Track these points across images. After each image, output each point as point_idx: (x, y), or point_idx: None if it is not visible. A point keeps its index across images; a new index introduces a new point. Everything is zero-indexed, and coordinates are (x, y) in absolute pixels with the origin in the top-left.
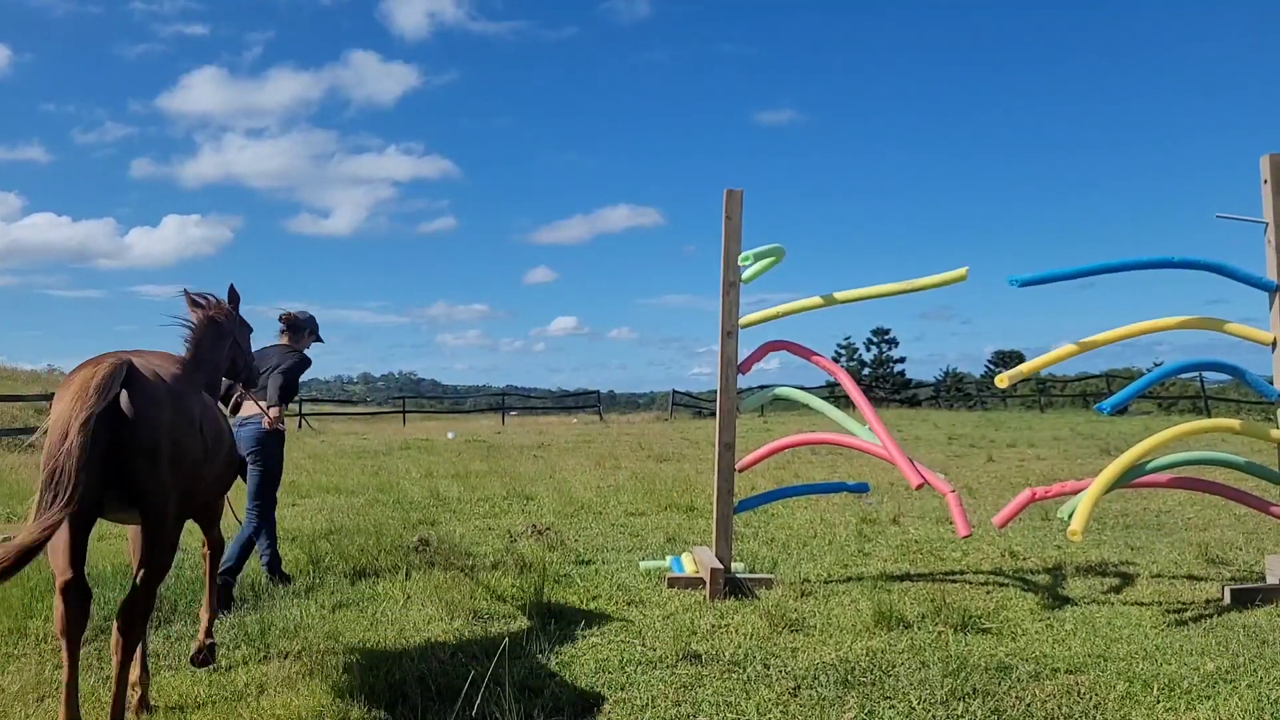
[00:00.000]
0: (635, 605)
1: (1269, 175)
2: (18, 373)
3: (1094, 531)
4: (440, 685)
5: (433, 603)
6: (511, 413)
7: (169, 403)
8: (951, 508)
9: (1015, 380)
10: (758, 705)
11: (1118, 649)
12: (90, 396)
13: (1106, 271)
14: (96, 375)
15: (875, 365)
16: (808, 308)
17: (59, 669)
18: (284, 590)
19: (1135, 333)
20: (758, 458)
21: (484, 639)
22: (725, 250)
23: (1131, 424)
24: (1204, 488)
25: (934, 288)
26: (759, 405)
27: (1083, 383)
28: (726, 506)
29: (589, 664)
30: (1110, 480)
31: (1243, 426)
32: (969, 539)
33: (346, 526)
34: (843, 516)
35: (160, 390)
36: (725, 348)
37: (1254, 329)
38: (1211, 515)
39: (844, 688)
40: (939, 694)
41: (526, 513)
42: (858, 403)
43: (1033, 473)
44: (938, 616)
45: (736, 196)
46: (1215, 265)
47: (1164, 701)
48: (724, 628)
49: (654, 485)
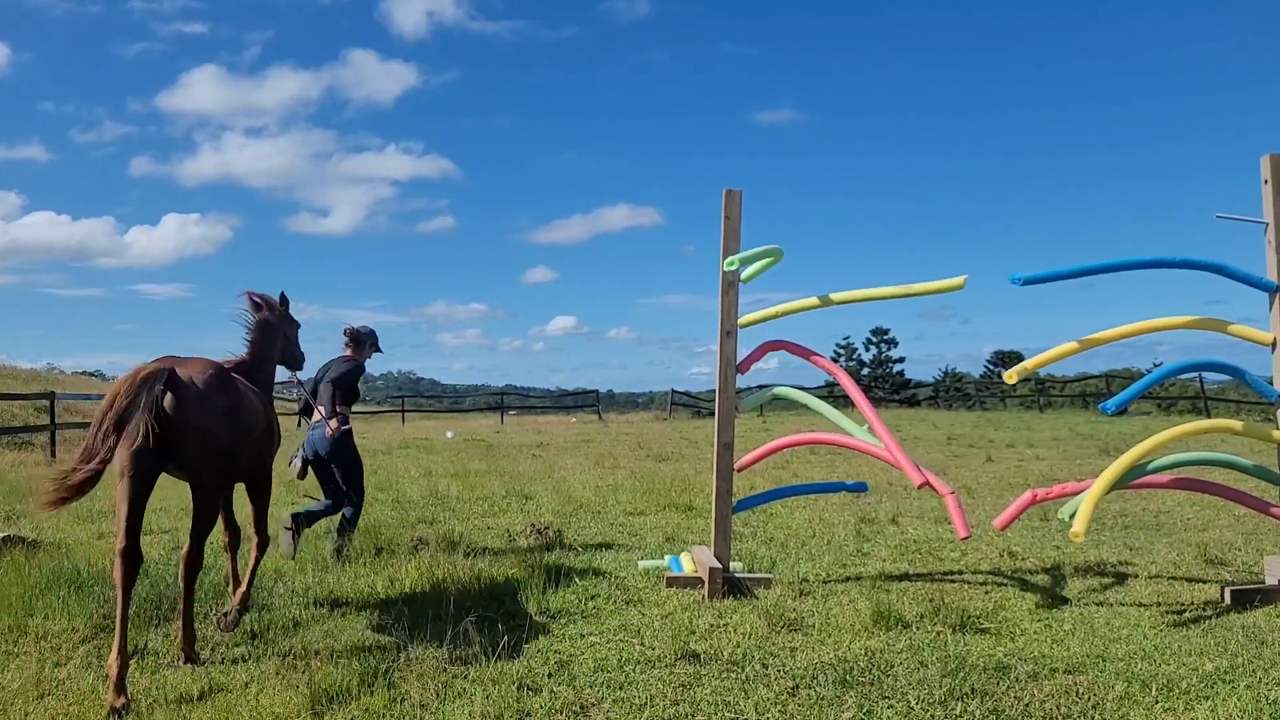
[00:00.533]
0: (634, 605)
1: (1269, 175)
2: (17, 371)
3: (1093, 532)
4: (439, 684)
5: (431, 602)
6: (510, 412)
7: (197, 402)
8: (951, 509)
9: (1022, 376)
10: (756, 705)
11: (1116, 649)
12: (135, 381)
13: (1107, 271)
14: (145, 368)
15: (874, 365)
16: (806, 308)
17: (59, 666)
18: (285, 590)
19: (1137, 331)
20: (756, 457)
21: (483, 638)
22: (724, 250)
23: (1131, 424)
24: (1204, 488)
25: (931, 294)
26: (758, 405)
27: (1082, 383)
28: (725, 506)
29: (588, 663)
30: (1111, 481)
31: (1244, 427)
32: (968, 539)
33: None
34: (841, 516)
35: (191, 393)
36: (724, 347)
37: (1254, 329)
38: (1210, 516)
39: (842, 687)
40: (937, 694)
41: (525, 512)
42: (857, 402)
43: (1032, 473)
44: (936, 616)
45: (736, 196)
46: (1215, 265)
47: (1162, 702)
48: (722, 627)
49: (653, 485)
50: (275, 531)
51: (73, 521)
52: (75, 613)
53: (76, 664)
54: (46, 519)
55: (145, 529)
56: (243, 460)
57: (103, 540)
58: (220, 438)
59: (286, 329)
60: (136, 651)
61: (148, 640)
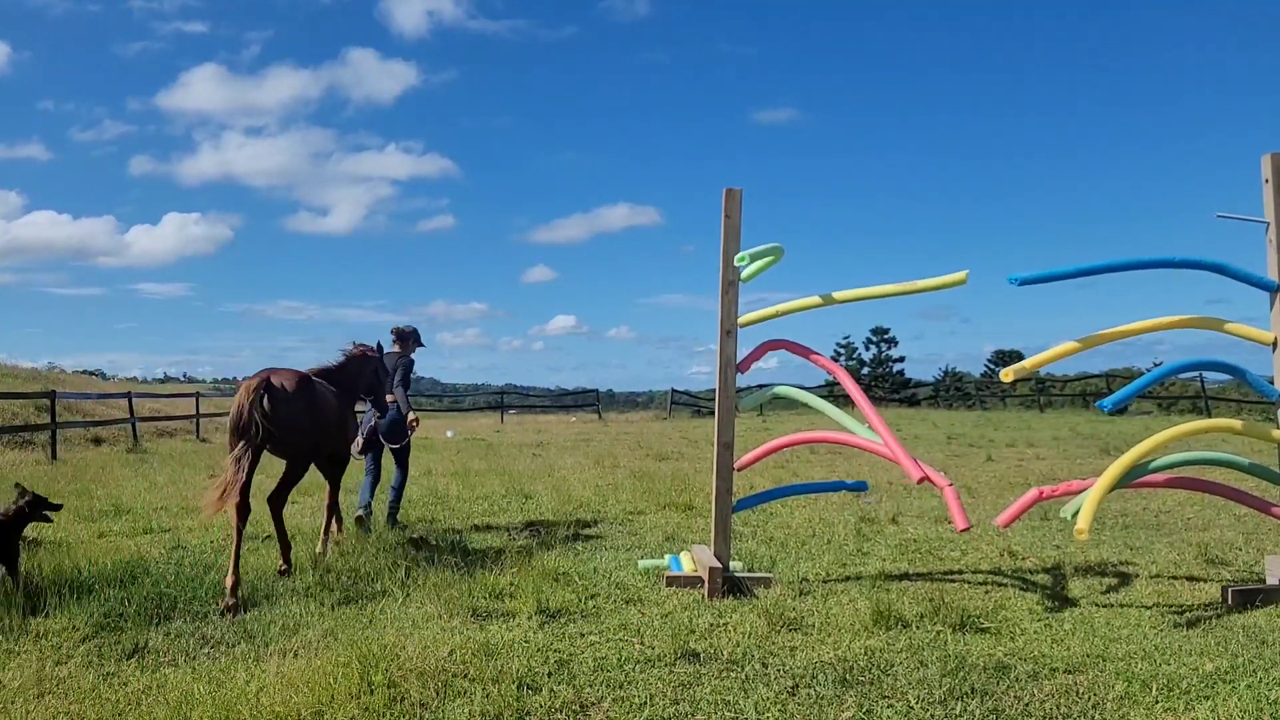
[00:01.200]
0: (634, 604)
1: (1270, 174)
2: (18, 370)
3: (1093, 531)
4: (439, 682)
5: (431, 601)
6: (510, 411)
7: (285, 403)
8: (949, 501)
9: (1019, 375)
10: (756, 704)
11: (1116, 649)
12: (249, 392)
13: (1107, 271)
14: (252, 381)
15: (874, 365)
16: (807, 307)
17: (60, 665)
18: (286, 589)
19: (1139, 330)
20: (756, 456)
21: (482, 637)
22: (724, 249)
23: (1132, 424)
24: (1204, 488)
25: (934, 290)
26: (758, 404)
27: (1082, 382)
28: (725, 505)
29: (587, 662)
30: (1114, 480)
31: (1245, 427)
32: (968, 539)
33: (346, 524)
34: (841, 516)
35: (281, 396)
36: (724, 347)
37: (1255, 329)
38: (1211, 515)
39: (842, 687)
40: (937, 693)
41: (525, 511)
42: (857, 400)
43: (1032, 472)
44: (936, 616)
45: (736, 196)
46: (1216, 265)
47: (1163, 702)
48: (722, 626)
49: (653, 484)
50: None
51: (73, 520)
52: (75, 611)
53: (77, 662)
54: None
55: (146, 529)
56: (321, 440)
57: (103, 540)
58: (299, 426)
59: (377, 367)
60: (138, 650)
61: (148, 639)
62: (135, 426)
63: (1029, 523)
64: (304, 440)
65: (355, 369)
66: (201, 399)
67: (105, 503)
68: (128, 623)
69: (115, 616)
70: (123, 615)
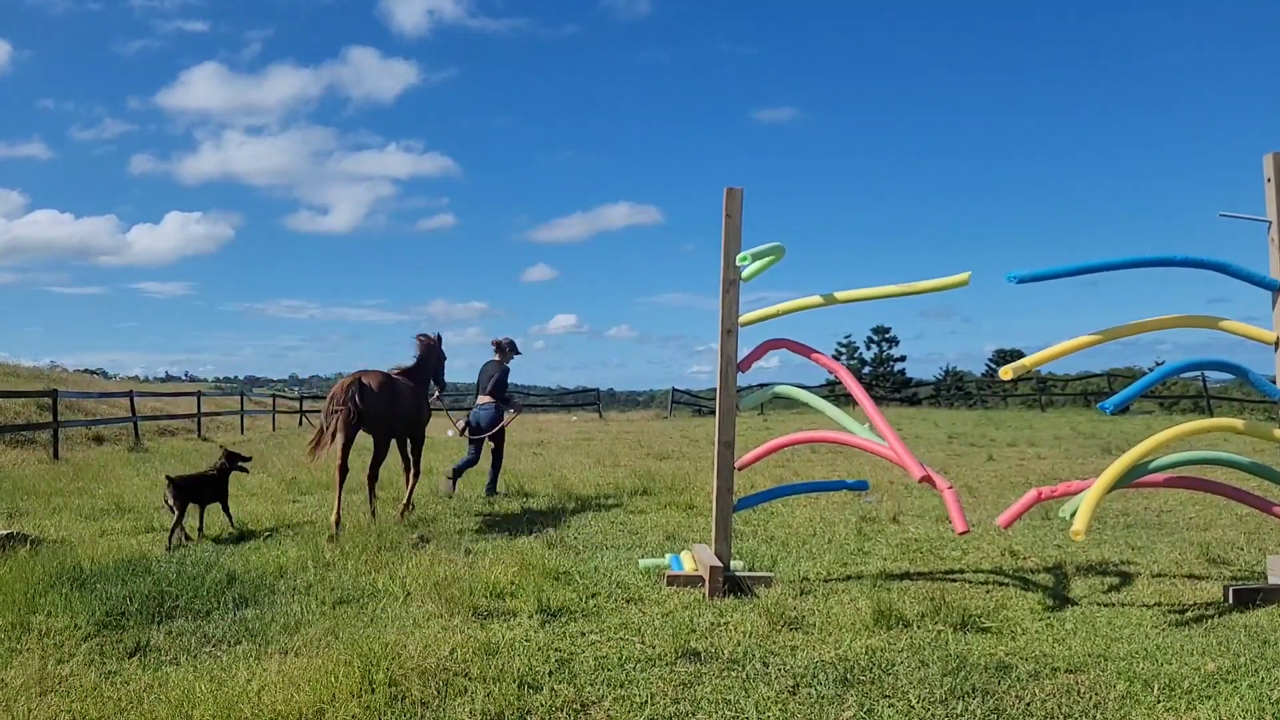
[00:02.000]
0: (634, 603)
1: (1272, 173)
2: (20, 369)
3: (1094, 531)
4: (440, 681)
5: (432, 599)
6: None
7: (373, 399)
8: (949, 504)
9: (1019, 373)
10: (757, 703)
11: (1118, 648)
12: (343, 390)
13: (1107, 269)
14: (345, 382)
15: (875, 364)
16: (807, 306)
17: (62, 663)
18: (287, 587)
19: (1152, 326)
20: (757, 456)
21: (484, 636)
22: (725, 248)
23: (1133, 423)
24: (1206, 487)
25: (935, 291)
26: (758, 403)
27: (1084, 381)
28: (726, 504)
29: (588, 661)
30: (1113, 480)
31: (1246, 426)
32: (969, 538)
33: (346, 523)
34: (842, 515)
35: (370, 392)
36: (725, 346)
37: (1257, 328)
38: (1213, 515)
39: (843, 686)
40: (938, 693)
41: (525, 510)
42: (858, 398)
43: (1033, 472)
44: (937, 615)
45: (736, 195)
46: (1218, 264)
47: (1164, 701)
48: (723, 626)
49: (653, 483)
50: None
51: (75, 519)
52: (78, 609)
53: (79, 661)
54: (49, 517)
55: (147, 527)
56: (400, 426)
57: (105, 538)
58: (384, 415)
59: (438, 359)
60: (139, 648)
61: (150, 637)
62: (137, 425)
63: (1030, 522)
64: (384, 425)
65: (425, 359)
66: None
67: (107, 501)
68: (129, 621)
69: (117, 615)
70: (124, 613)
